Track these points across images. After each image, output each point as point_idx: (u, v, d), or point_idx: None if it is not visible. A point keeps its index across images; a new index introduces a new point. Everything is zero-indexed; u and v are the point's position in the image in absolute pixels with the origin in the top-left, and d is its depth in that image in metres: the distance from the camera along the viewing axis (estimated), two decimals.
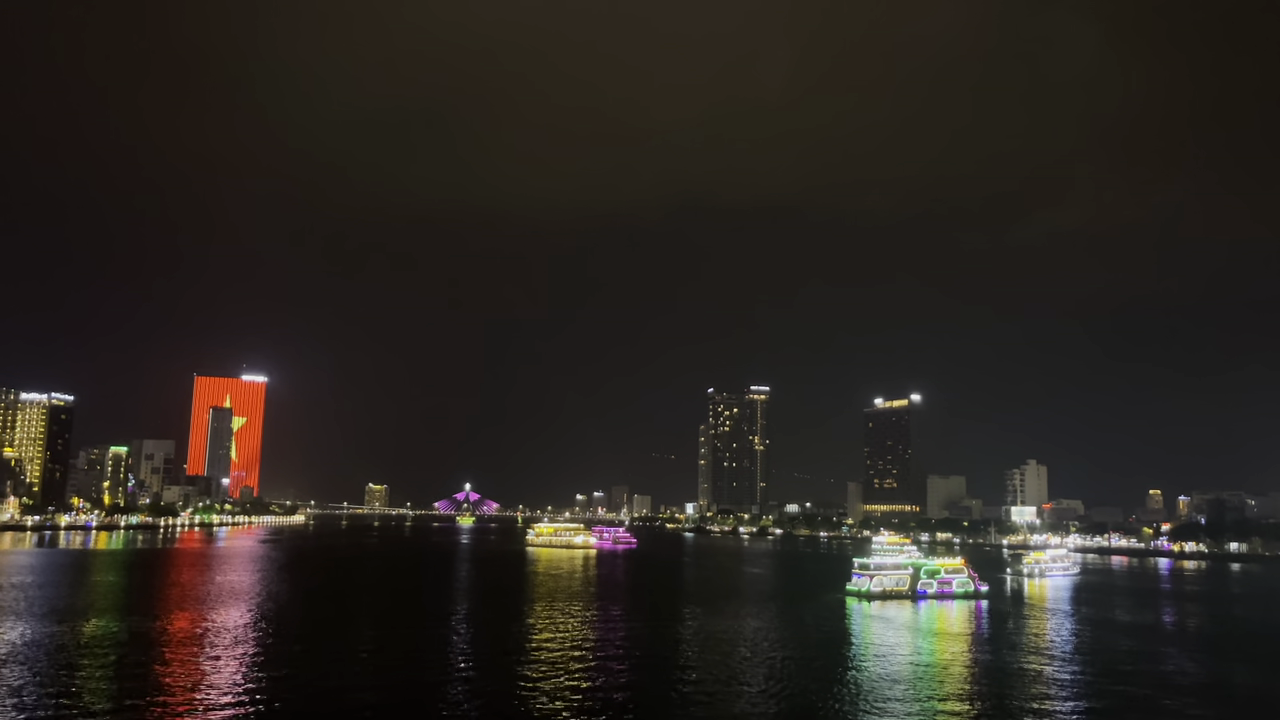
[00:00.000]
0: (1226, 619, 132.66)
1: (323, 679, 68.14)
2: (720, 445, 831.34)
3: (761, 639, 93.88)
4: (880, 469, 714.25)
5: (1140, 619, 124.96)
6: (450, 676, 70.46)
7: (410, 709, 60.08)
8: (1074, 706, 64.78)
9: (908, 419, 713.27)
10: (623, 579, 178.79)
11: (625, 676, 71.12)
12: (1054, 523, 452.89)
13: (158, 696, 59.96)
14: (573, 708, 59.70)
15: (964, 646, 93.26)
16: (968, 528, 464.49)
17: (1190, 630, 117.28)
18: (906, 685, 70.00)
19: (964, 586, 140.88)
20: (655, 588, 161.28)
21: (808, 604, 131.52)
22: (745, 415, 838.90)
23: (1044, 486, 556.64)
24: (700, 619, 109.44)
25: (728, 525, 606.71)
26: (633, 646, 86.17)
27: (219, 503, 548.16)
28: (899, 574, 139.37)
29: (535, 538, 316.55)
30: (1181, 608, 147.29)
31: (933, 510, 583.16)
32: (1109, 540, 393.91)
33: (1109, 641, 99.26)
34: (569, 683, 67.61)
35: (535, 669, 73.00)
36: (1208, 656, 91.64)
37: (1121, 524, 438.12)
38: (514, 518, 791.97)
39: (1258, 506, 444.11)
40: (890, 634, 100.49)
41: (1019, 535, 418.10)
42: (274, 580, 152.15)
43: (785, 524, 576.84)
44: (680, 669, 75.39)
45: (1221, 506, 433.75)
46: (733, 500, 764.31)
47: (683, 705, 62.46)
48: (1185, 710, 64.94)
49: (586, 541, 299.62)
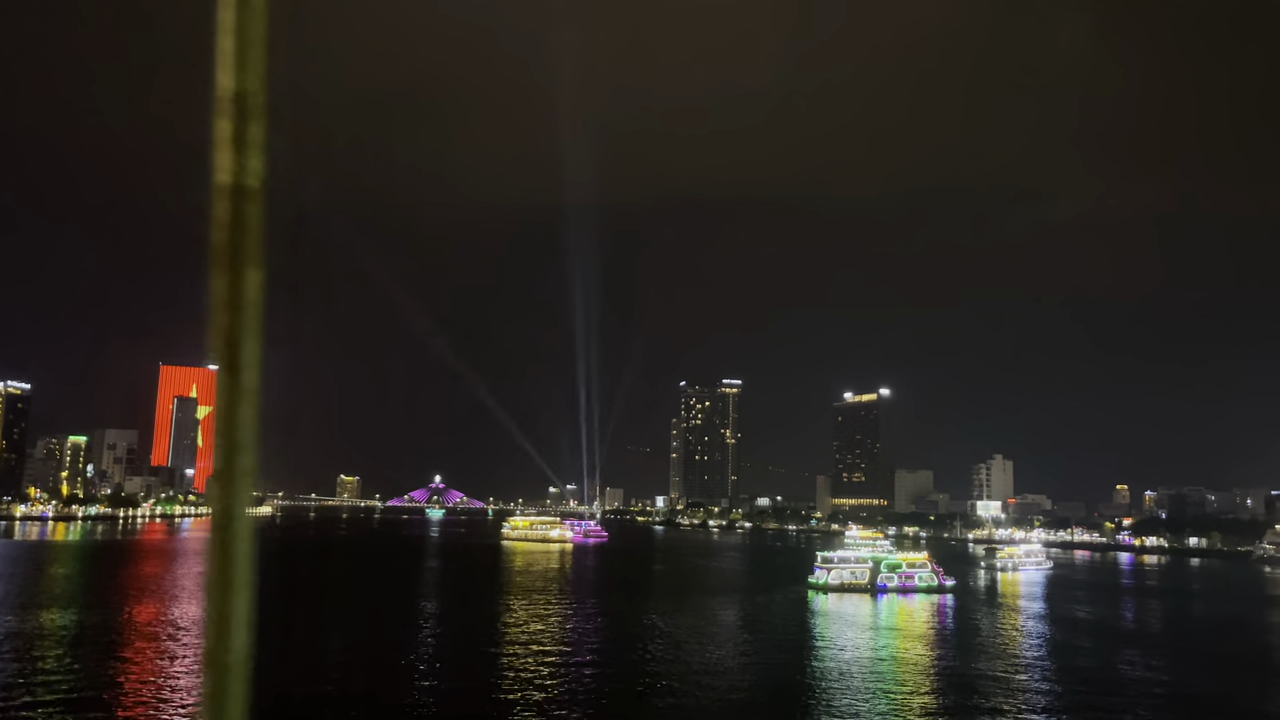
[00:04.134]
0: (1186, 616, 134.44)
1: (286, 674, 67.11)
2: (692, 438, 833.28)
3: (706, 634, 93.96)
4: (849, 463, 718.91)
5: (1101, 615, 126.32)
6: (422, 671, 69.69)
7: (376, 705, 59.27)
8: (1006, 703, 65.13)
9: (876, 413, 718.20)
10: (596, 574, 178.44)
11: (586, 670, 70.72)
12: (1019, 517, 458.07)
13: (108, 692, 58.75)
14: (540, 699, 59.21)
15: (898, 641, 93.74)
16: (934, 522, 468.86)
17: (1151, 629, 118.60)
18: (832, 682, 70.02)
19: (926, 581, 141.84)
20: (625, 582, 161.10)
21: (769, 597, 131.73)
22: (717, 408, 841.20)
23: (1010, 481, 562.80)
24: (647, 614, 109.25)
25: (697, 518, 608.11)
26: (596, 640, 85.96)
27: (183, 494, 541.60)
28: (858, 567, 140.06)
29: (511, 531, 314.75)
30: (1142, 604, 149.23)
31: (900, 504, 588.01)
32: (1072, 535, 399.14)
33: (1061, 638, 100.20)
34: (540, 675, 67.09)
35: (507, 662, 72.42)
36: (1167, 656, 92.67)
37: (1084, 519, 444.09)
38: (484, 510, 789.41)
39: (1217, 502, 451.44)
40: (831, 628, 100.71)
41: (984, 530, 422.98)
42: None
43: (755, 517, 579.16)
44: (624, 664, 75.13)
45: (1182, 501, 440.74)
46: (704, 493, 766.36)
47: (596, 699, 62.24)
48: (1142, 713, 65.43)
49: (563, 535, 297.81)
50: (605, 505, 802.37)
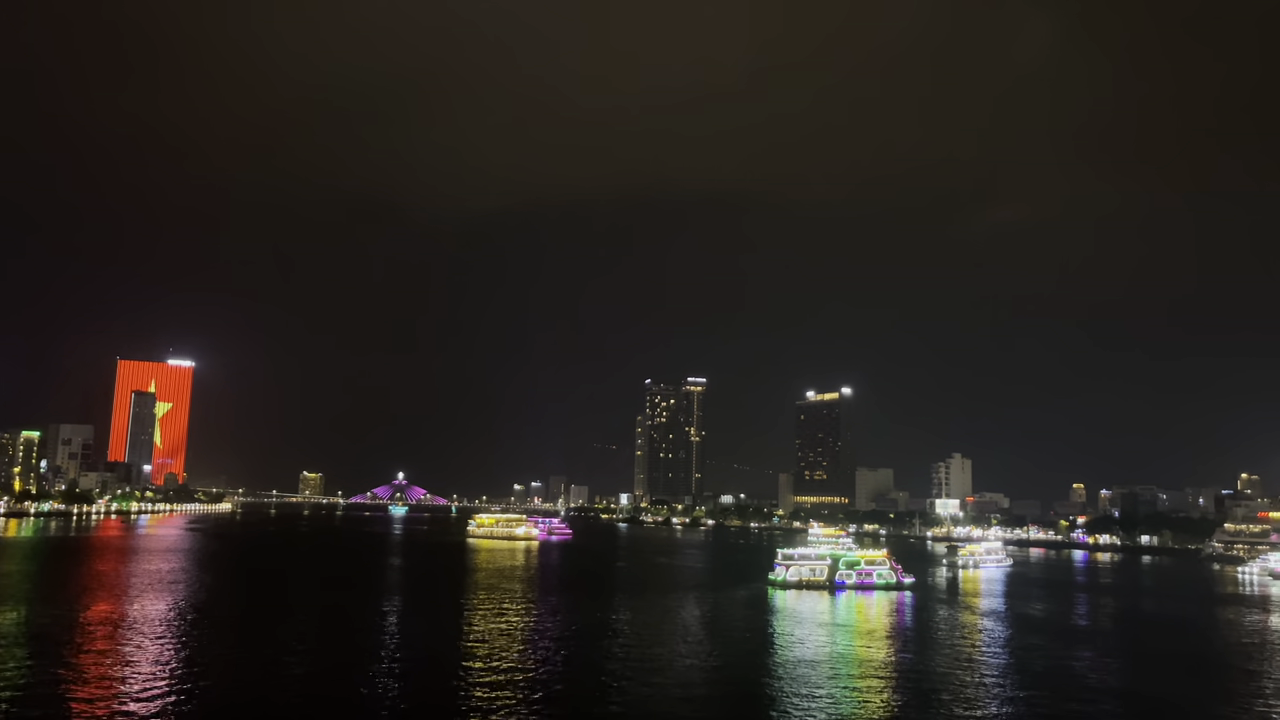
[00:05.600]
0: (1137, 613, 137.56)
1: (244, 674, 66.85)
2: (657, 436, 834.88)
3: (666, 631, 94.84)
4: (811, 461, 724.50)
5: (1056, 613, 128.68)
6: (383, 669, 69.59)
7: (338, 703, 59.23)
8: (959, 702, 66.49)
9: (838, 412, 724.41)
10: (560, 572, 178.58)
11: (548, 667, 71.10)
12: (977, 515, 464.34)
13: (57, 690, 58.14)
14: (502, 696, 59.51)
15: (852, 638, 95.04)
16: (894, 519, 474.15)
17: (1104, 627, 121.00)
18: (786, 678, 71.08)
19: (885, 578, 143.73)
20: (588, 580, 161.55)
21: (729, 594, 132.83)
22: (682, 406, 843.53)
23: (968, 480, 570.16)
24: (609, 612, 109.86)
25: (661, 516, 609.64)
26: (558, 637, 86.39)
27: (140, 490, 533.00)
28: (816, 564, 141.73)
29: (476, 528, 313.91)
30: (1096, 601, 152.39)
31: (861, 502, 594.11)
32: (1028, 533, 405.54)
33: (1016, 636, 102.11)
34: (502, 672, 67.35)
35: (471, 659, 72.57)
36: (1118, 655, 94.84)
37: (1040, 517, 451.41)
38: (448, 507, 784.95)
39: (1169, 500, 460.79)
40: (787, 625, 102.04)
41: (943, 527, 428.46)
42: (191, 570, 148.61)
43: (718, 515, 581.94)
44: (573, 662, 75.70)
45: (1135, 500, 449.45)
46: (668, 491, 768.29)
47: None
48: (1094, 712, 67.04)
49: (529, 533, 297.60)
50: (570, 502, 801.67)
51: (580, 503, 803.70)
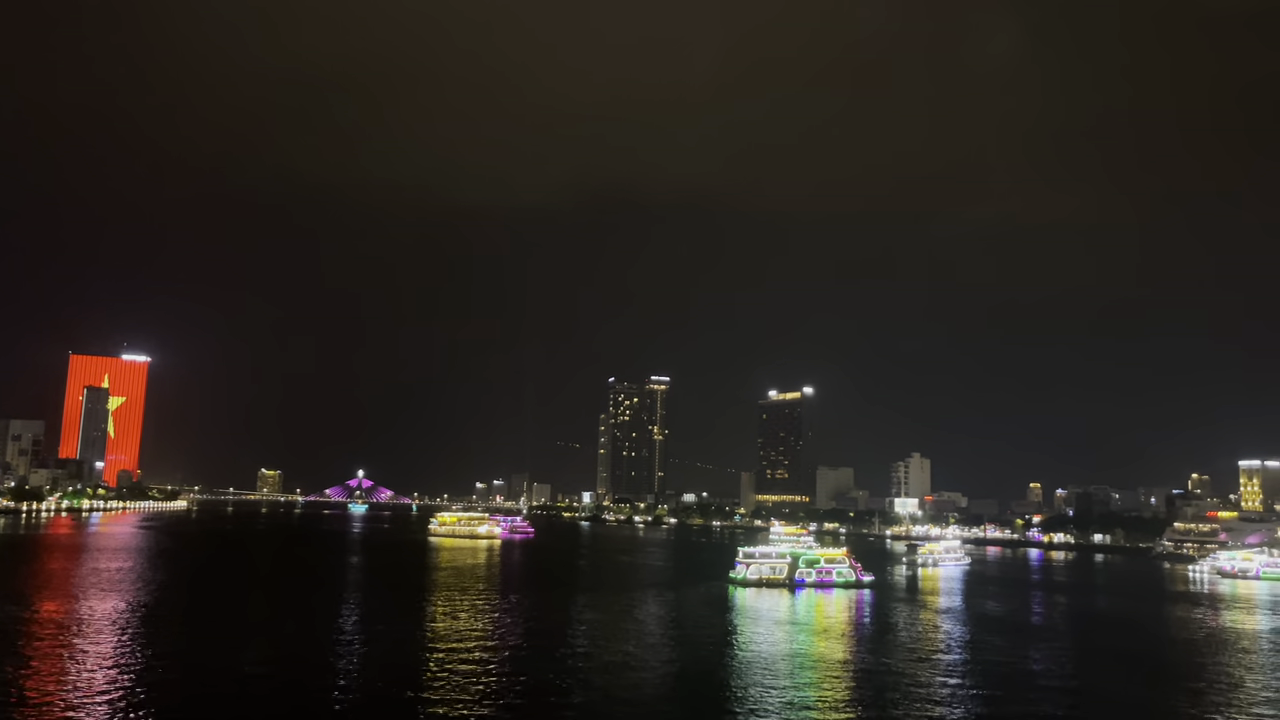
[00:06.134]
0: (1089, 611, 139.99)
1: (196, 671, 65.70)
2: (620, 434, 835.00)
3: (626, 629, 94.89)
4: (773, 460, 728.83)
5: (1011, 611, 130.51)
6: (342, 668, 68.78)
7: (297, 701, 58.43)
8: (913, 699, 67.19)
9: (800, 411, 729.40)
10: (522, 570, 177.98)
11: (508, 665, 70.72)
12: (935, 514, 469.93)
13: (4, 690, 56.76)
14: (461, 694, 59.07)
15: (809, 635, 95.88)
16: (854, 518, 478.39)
17: (1057, 624, 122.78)
18: (743, 675, 71.48)
19: (844, 576, 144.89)
20: (550, 578, 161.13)
21: (690, 592, 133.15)
22: (645, 405, 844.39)
23: (927, 478, 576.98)
24: (570, 610, 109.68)
25: (623, 514, 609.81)
26: (519, 635, 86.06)
27: (92, 487, 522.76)
28: (776, 563, 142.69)
29: (438, 527, 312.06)
30: (1050, 599, 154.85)
31: (821, 500, 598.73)
32: (985, 531, 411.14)
33: (972, 634, 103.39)
34: (463, 671, 66.86)
35: (431, 658, 71.96)
36: (1071, 652, 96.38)
37: (997, 516, 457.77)
38: (409, 506, 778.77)
39: (1122, 500, 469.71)
40: (745, 622, 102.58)
41: (902, 526, 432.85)
42: (143, 568, 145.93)
43: (681, 513, 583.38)
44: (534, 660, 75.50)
45: (1089, 500, 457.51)
46: (631, 489, 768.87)
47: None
48: (1047, 709, 68.01)
49: (491, 531, 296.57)
50: (532, 501, 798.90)
51: (543, 501, 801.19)
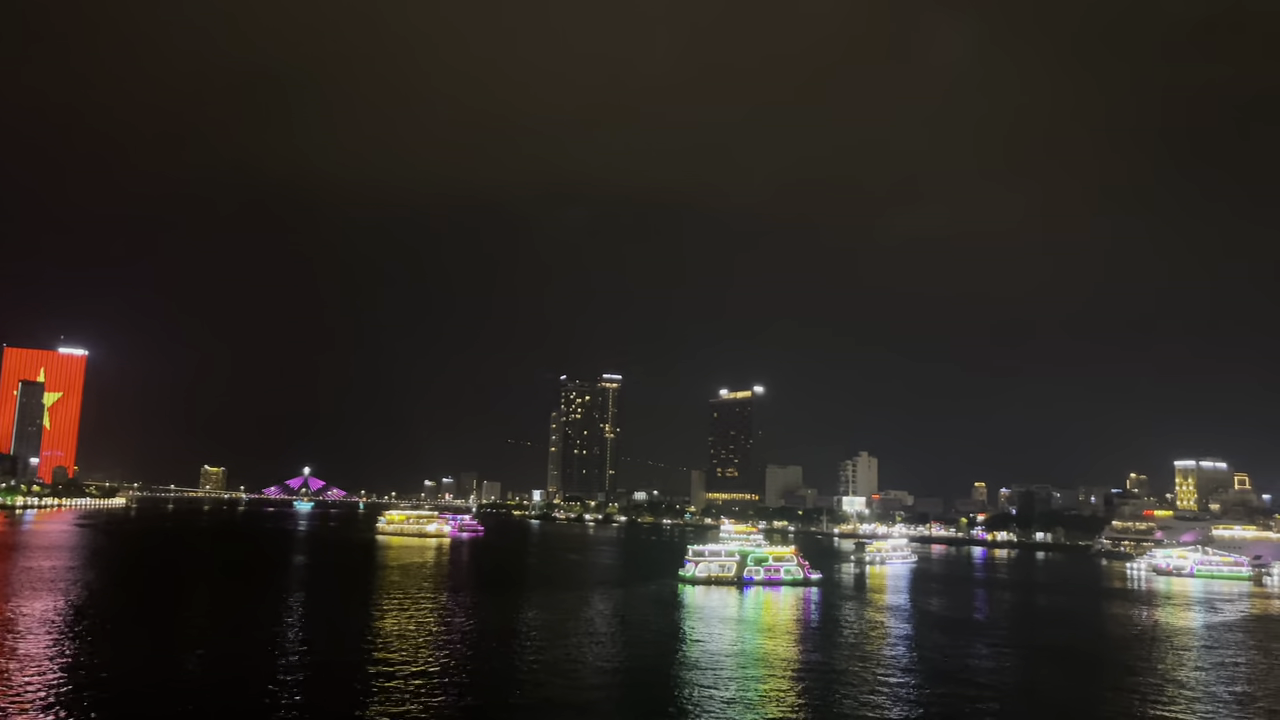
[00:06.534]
0: (1030, 608, 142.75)
1: (132, 672, 63.98)
2: (571, 432, 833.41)
3: (575, 627, 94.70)
4: (723, 458, 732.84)
5: (955, 608, 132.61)
6: (285, 669, 67.47)
7: (231, 703, 57.13)
8: (856, 695, 67.91)
9: (751, 410, 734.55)
10: (470, 568, 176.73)
11: (455, 664, 70.04)
12: (882, 513, 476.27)
13: None
14: (406, 694, 58.30)
15: (756, 633, 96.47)
16: (803, 516, 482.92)
17: (999, 621, 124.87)
18: (689, 672, 71.74)
19: (792, 574, 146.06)
20: (499, 577, 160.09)
21: (639, 590, 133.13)
22: (597, 403, 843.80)
23: (874, 477, 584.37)
24: (518, 608, 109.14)
25: (573, 512, 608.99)
26: (466, 634, 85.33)
27: (26, 483, 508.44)
28: (725, 561, 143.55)
29: (386, 525, 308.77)
30: (994, 596, 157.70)
31: (771, 499, 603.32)
32: (930, 530, 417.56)
33: (916, 631, 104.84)
34: (409, 670, 66.00)
35: (377, 657, 70.91)
36: (1012, 648, 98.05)
37: (942, 514, 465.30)
38: (356, 503, 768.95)
39: (1063, 499, 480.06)
40: (693, 620, 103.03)
41: (850, 524, 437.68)
42: (79, 566, 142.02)
43: (631, 511, 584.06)
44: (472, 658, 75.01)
45: (1031, 499, 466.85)
46: (582, 487, 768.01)
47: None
48: (986, 705, 69.10)
49: (440, 530, 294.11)
50: (482, 499, 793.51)
51: (492, 499, 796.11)
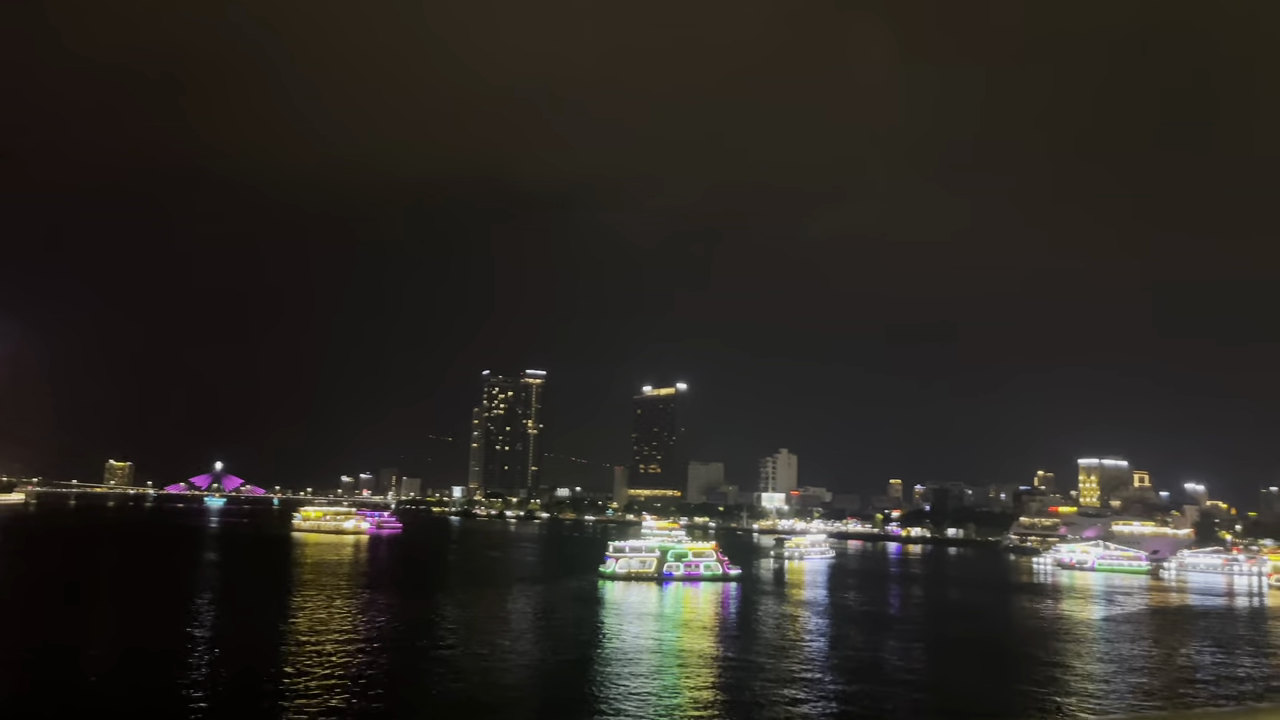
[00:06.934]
0: (941, 603, 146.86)
1: (27, 675, 61.53)
2: (493, 428, 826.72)
3: (493, 625, 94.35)
4: (646, 454, 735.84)
5: (870, 602, 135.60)
6: (193, 671, 65.55)
7: (135, 705, 55.36)
8: (770, 690, 69.17)
9: (674, 406, 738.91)
10: (389, 566, 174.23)
11: (369, 663, 69.03)
12: (801, 509, 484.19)
13: None
14: (321, 694, 57.24)
15: (674, 629, 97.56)
16: (723, 512, 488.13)
17: (912, 616, 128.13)
18: (606, 668, 72.24)
19: (711, 570, 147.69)
20: (417, 574, 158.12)
21: (560, 587, 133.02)
22: (520, 399, 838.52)
23: (794, 474, 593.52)
24: (437, 606, 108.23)
25: (495, 509, 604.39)
26: (383, 633, 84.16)
27: None
28: (646, 557, 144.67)
29: (302, 522, 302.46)
30: (907, 591, 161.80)
31: (693, 495, 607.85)
32: (847, 525, 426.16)
33: (831, 626, 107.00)
34: (323, 670, 64.77)
35: (290, 658, 69.40)
36: (923, 642, 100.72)
37: (859, 510, 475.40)
38: (270, 500, 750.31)
39: (974, 496, 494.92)
40: (612, 616, 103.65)
41: (769, 520, 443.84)
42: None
43: (554, 508, 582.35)
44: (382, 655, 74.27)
45: (944, 495, 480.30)
46: (504, 483, 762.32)
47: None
48: (896, 698, 70.90)
49: (358, 526, 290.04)
50: (401, 495, 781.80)
51: (412, 495, 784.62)
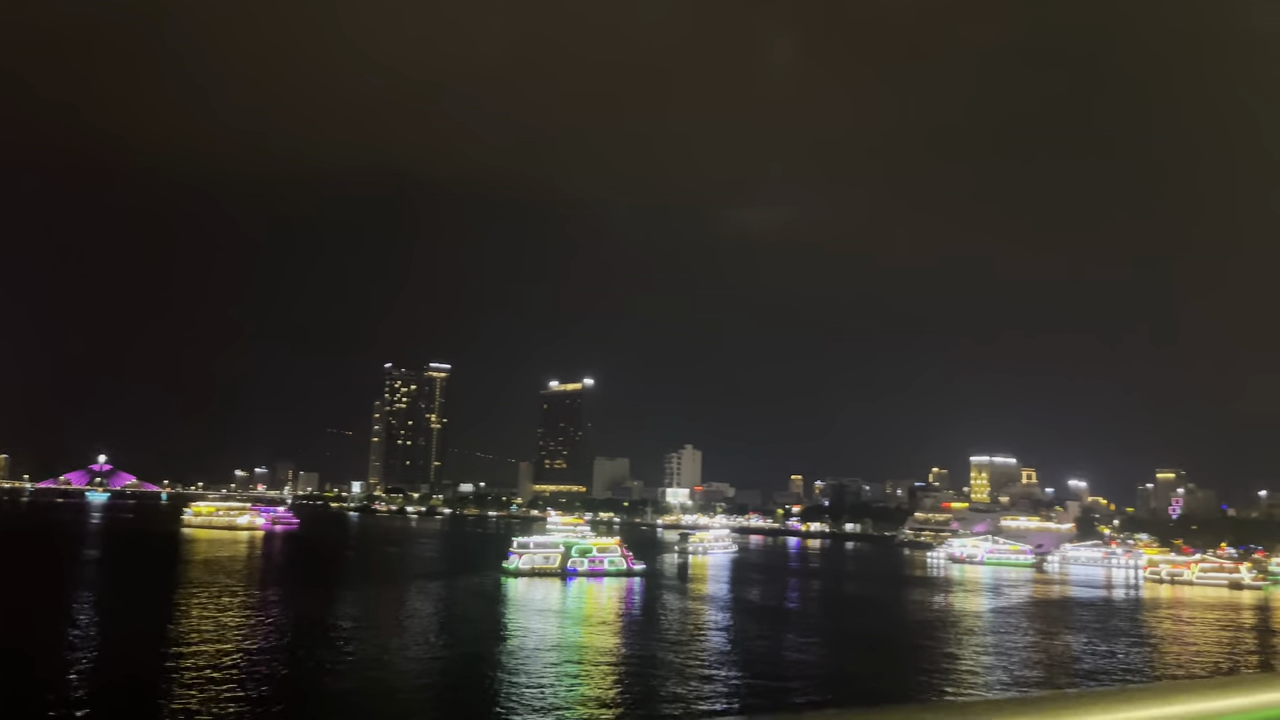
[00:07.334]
0: (838, 596, 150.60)
1: None
2: (395, 422, 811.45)
3: (391, 622, 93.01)
4: (552, 450, 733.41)
5: (769, 596, 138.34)
6: (76, 674, 62.32)
7: (11, 708, 52.50)
8: (670, 686, 69.87)
9: (580, 401, 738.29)
10: (284, 563, 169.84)
11: (262, 663, 66.95)
12: (704, 504, 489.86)
13: None
14: (210, 697, 55.20)
15: (576, 625, 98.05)
16: (628, 508, 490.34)
17: (810, 609, 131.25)
18: (506, 666, 71.96)
19: (616, 565, 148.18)
20: (314, 571, 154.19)
21: (461, 583, 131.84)
22: (423, 392, 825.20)
23: (699, 469, 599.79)
24: (333, 604, 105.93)
25: (396, 504, 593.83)
26: (277, 632, 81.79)
27: None
28: (550, 552, 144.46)
29: (193, 517, 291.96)
30: (805, 585, 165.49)
31: (598, 490, 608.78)
32: (749, 520, 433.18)
33: (731, 620, 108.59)
34: (214, 671, 62.45)
35: (179, 659, 66.65)
36: (819, 635, 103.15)
37: (761, 505, 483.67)
38: (157, 494, 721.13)
39: (871, 491, 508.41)
40: (515, 613, 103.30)
41: (674, 515, 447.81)
42: None
43: (457, 503, 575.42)
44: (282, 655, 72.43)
45: (842, 491, 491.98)
46: (405, 479, 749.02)
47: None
48: (788, 688, 72.29)
49: (252, 522, 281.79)
50: (298, 490, 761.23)
51: (309, 490, 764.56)
